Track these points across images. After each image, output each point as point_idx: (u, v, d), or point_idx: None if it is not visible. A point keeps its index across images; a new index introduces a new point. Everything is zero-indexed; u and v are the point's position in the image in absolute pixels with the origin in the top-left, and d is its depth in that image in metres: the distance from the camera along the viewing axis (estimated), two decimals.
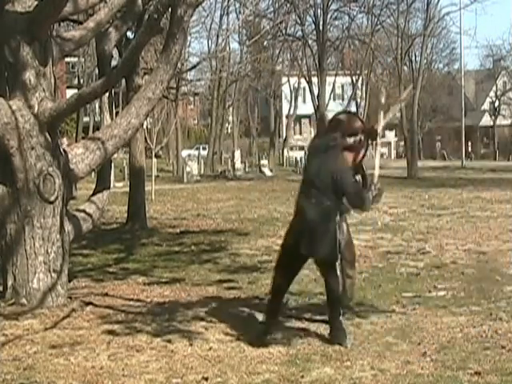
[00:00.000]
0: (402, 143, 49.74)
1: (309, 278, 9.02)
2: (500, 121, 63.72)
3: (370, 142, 6.91)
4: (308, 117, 60.83)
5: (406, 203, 19.62)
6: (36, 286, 7.55)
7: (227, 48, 40.71)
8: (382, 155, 6.74)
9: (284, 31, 37.36)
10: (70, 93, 39.67)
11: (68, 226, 8.01)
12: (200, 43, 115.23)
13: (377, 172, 6.51)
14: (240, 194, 24.14)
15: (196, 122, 71.05)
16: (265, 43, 42.80)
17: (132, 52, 8.02)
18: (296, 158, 44.19)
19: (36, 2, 7.77)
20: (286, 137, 51.79)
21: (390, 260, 10.63)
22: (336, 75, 42.40)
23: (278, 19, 34.20)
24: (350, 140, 6.42)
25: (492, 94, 63.26)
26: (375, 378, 5.40)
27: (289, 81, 49.78)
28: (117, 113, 9.51)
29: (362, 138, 6.53)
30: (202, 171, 39.62)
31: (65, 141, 36.96)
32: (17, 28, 7.63)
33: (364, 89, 49.05)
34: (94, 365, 5.71)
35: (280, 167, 44.81)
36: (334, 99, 47.27)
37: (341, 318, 6.44)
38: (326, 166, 6.23)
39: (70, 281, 8.35)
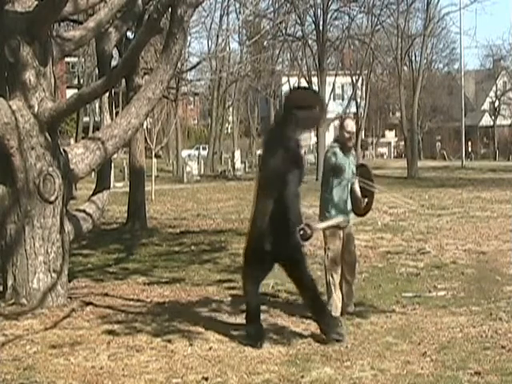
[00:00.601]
0: (402, 143, 49.76)
1: None
2: (500, 121, 63.64)
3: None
4: None
5: (406, 203, 19.61)
6: (36, 286, 7.55)
7: (227, 48, 40.76)
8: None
9: (284, 31, 37.29)
10: (70, 93, 39.64)
11: (68, 226, 8.01)
12: (200, 43, 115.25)
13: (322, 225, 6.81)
14: (240, 194, 24.12)
15: (196, 121, 71.01)
16: (265, 43, 42.73)
17: (132, 52, 8.02)
18: None
19: (36, 2, 7.78)
20: None
21: (390, 260, 10.63)
22: (336, 75, 42.32)
23: (277, 19, 34.11)
24: (305, 113, 6.31)
25: (492, 94, 63.19)
26: (375, 377, 5.40)
27: (289, 81, 49.61)
28: (117, 113, 9.52)
29: (318, 110, 6.47)
30: (202, 171, 39.62)
31: (72, 142, 36.94)
32: (17, 28, 7.63)
33: (364, 89, 49.01)
34: (94, 365, 5.71)
35: None
36: (334, 99, 47.22)
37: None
38: (274, 164, 6.17)
39: (70, 281, 8.35)
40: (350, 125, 7.19)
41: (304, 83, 37.29)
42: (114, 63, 10.66)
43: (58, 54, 8.26)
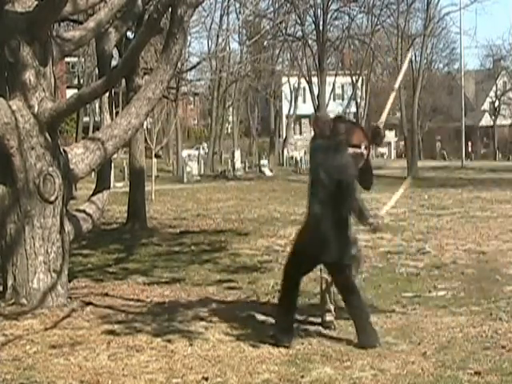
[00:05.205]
0: (402, 143, 49.77)
1: (309, 278, 9.01)
2: (500, 121, 63.65)
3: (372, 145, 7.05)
4: (308, 117, 60.80)
5: (406, 203, 19.58)
6: (36, 286, 7.55)
7: (227, 48, 40.74)
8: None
9: (284, 31, 37.35)
10: (70, 93, 39.63)
11: (68, 226, 8.01)
12: (200, 43, 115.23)
13: (386, 208, 6.93)
14: (240, 194, 24.13)
15: (196, 121, 71.01)
16: (265, 43, 42.76)
17: (132, 52, 8.02)
18: (296, 158, 44.19)
19: (36, 2, 7.78)
20: (285, 137, 51.82)
21: (390, 260, 10.63)
22: (336, 75, 42.43)
23: (277, 19, 34.17)
24: (352, 151, 6.50)
25: (492, 93, 63.20)
26: (375, 377, 5.40)
27: (289, 81, 49.77)
28: (117, 113, 9.52)
29: (364, 150, 6.62)
30: (202, 171, 39.61)
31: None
32: (17, 28, 7.63)
33: (364, 89, 49.03)
34: (94, 365, 5.71)
35: (280, 167, 44.80)
36: (334, 99, 47.28)
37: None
38: (335, 163, 6.23)
39: (70, 281, 8.35)
40: None
41: (304, 83, 37.35)
42: (114, 63, 10.65)
43: (57, 54, 8.25)
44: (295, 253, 6.51)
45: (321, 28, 33.09)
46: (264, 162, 41.25)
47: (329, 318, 6.77)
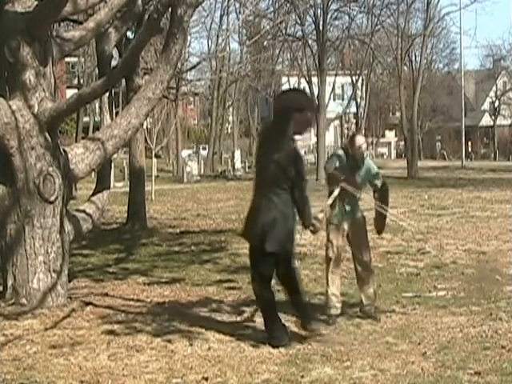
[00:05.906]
0: (402, 143, 49.76)
1: (309, 278, 9.03)
2: (500, 121, 63.67)
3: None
4: None
5: (406, 203, 19.61)
6: (36, 286, 7.55)
7: (227, 48, 40.77)
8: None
9: (284, 31, 37.27)
10: (69, 93, 39.63)
11: (68, 226, 8.01)
12: (200, 43, 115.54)
13: (325, 208, 6.87)
14: (240, 194, 24.11)
15: (196, 121, 71.01)
16: (265, 43, 42.75)
17: (132, 52, 8.03)
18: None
19: (36, 2, 7.78)
20: None
21: (390, 260, 10.63)
22: (336, 75, 42.33)
23: (278, 19, 34.12)
24: (297, 115, 6.31)
25: (492, 93, 63.22)
26: (375, 377, 5.40)
27: (289, 81, 49.70)
28: (117, 113, 9.52)
29: (309, 115, 6.49)
30: (202, 171, 39.61)
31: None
32: (17, 28, 7.63)
33: (364, 89, 49.01)
34: (94, 365, 5.71)
35: None
36: (334, 99, 47.21)
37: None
38: (283, 152, 6.14)
39: (70, 281, 8.35)
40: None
41: (304, 83, 37.34)
42: (114, 63, 10.65)
43: (57, 54, 8.25)
44: (249, 250, 6.42)
45: (321, 28, 32.99)
46: None
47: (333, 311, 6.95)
